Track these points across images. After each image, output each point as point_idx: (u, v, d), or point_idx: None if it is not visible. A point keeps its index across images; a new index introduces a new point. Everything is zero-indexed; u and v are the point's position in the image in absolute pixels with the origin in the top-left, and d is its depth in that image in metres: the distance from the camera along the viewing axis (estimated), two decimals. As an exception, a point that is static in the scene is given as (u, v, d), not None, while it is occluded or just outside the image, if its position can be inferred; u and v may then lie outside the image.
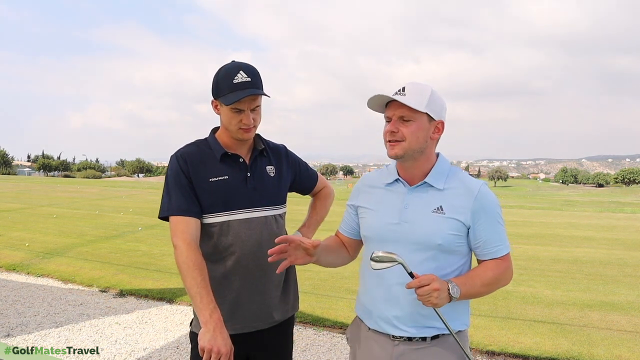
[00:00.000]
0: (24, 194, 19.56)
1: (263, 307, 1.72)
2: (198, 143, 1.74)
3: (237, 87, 1.59)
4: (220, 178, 1.66)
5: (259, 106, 1.66)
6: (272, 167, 1.80)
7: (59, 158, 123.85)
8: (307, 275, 5.89)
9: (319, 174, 2.04)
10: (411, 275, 1.35)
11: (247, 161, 1.73)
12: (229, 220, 1.66)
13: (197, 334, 1.51)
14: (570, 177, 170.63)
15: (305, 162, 1.98)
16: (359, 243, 1.70)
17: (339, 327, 4.16)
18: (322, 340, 3.90)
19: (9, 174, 74.22)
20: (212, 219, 1.66)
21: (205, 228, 1.66)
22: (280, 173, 1.82)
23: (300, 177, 1.93)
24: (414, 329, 1.46)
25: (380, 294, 1.51)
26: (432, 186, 1.50)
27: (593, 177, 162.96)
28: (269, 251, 1.46)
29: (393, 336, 1.48)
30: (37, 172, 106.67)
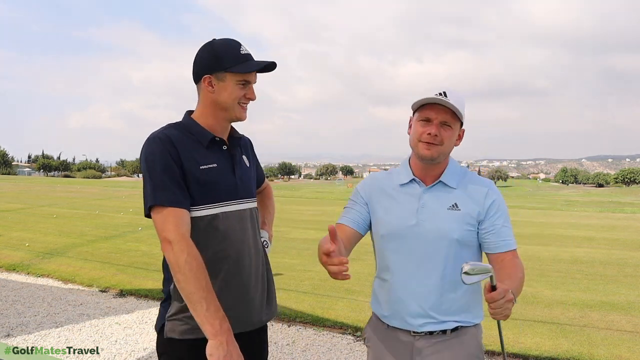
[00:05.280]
0: (24, 194, 19.56)
1: (249, 307, 1.57)
2: (175, 126, 1.52)
3: (247, 57, 1.48)
4: (210, 166, 1.48)
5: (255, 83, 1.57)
6: (245, 157, 1.67)
7: (58, 158, 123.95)
8: (307, 276, 5.88)
9: None
10: (493, 288, 1.27)
11: (230, 149, 1.58)
12: (217, 213, 1.49)
13: (180, 341, 1.43)
14: (570, 177, 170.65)
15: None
16: (358, 237, 1.66)
17: (339, 327, 4.16)
18: (322, 340, 3.89)
19: (9, 174, 74.18)
20: (199, 212, 1.47)
21: (192, 222, 1.45)
22: (251, 164, 1.70)
23: (257, 171, 1.81)
24: (437, 324, 1.51)
25: (407, 290, 1.54)
26: (446, 185, 1.56)
27: (593, 177, 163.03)
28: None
29: (414, 332, 1.53)
30: (37, 172, 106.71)
